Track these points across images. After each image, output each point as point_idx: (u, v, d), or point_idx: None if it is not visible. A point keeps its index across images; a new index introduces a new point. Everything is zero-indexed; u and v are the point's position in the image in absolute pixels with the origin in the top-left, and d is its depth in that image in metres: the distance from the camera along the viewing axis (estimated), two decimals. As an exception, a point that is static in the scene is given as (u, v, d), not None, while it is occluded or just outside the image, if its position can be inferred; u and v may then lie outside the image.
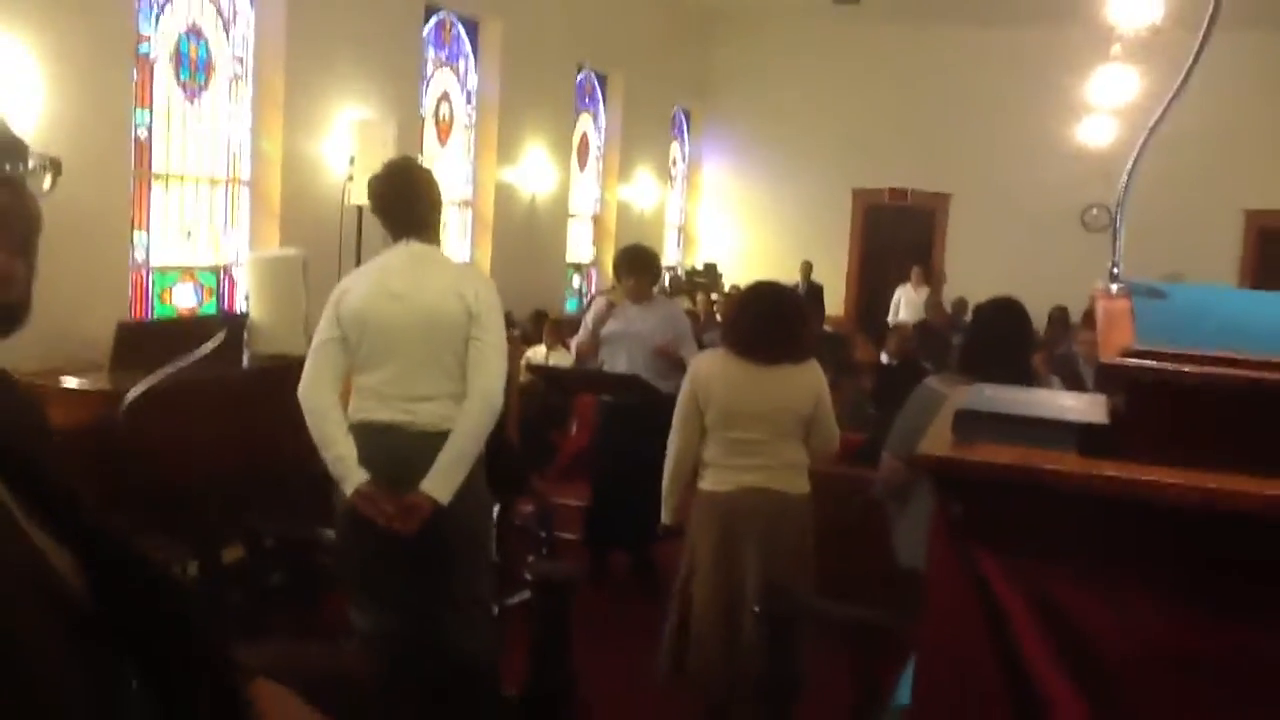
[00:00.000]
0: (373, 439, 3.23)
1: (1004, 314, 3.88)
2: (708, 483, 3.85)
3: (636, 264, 5.62)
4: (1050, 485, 1.50)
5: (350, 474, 3.19)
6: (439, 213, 3.46)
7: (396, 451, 3.21)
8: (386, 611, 3.34)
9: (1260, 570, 1.44)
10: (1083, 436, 1.61)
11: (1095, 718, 1.45)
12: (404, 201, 3.37)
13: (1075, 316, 10.80)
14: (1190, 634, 1.46)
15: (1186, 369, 1.51)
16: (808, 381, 3.83)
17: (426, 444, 3.19)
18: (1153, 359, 1.54)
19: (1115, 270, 1.90)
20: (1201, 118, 11.04)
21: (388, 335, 3.23)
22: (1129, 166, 1.91)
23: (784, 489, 3.77)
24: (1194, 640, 1.46)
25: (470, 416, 3.20)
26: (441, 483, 3.17)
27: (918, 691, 1.59)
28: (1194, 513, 1.45)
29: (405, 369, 3.23)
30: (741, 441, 3.77)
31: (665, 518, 4.06)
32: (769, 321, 3.84)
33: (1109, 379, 1.72)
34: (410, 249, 3.32)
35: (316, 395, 3.26)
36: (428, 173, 3.51)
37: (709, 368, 3.89)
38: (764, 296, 3.99)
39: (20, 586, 0.95)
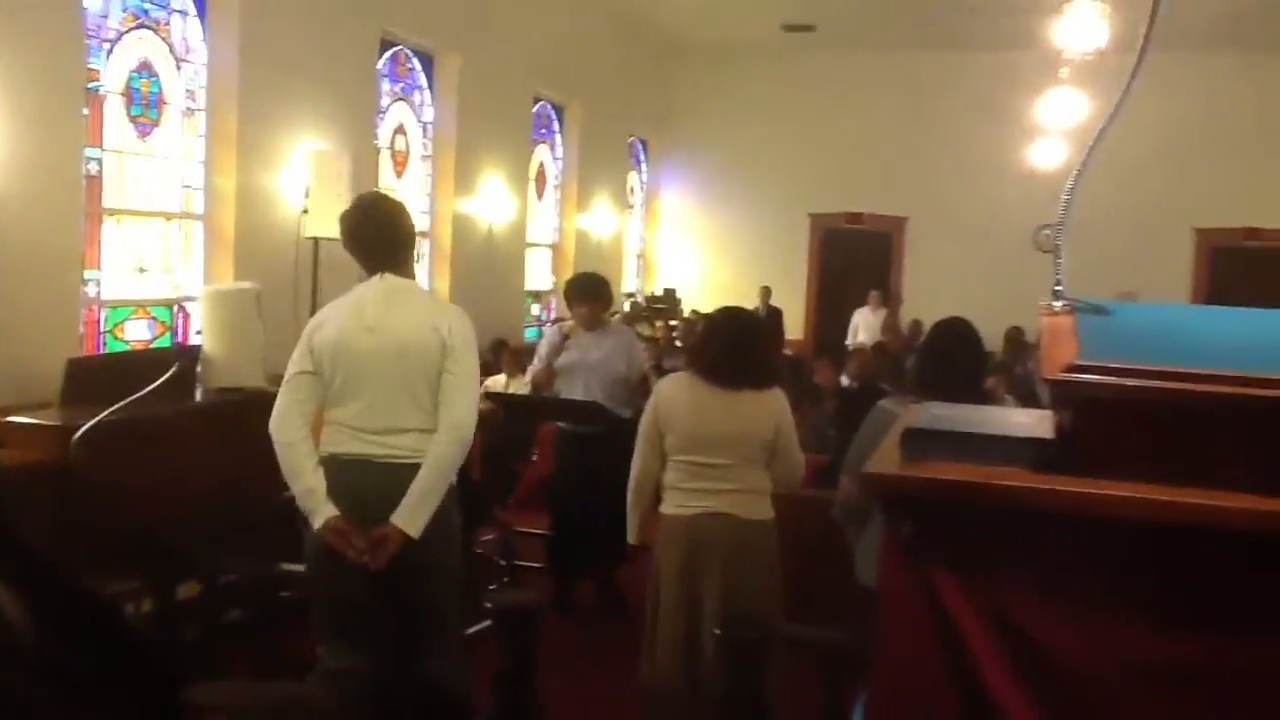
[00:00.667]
0: (343, 472, 3.21)
1: (955, 335, 3.92)
2: (670, 506, 3.86)
3: (586, 292, 5.64)
4: (999, 501, 1.51)
5: (320, 507, 3.16)
6: (412, 245, 3.46)
7: (367, 484, 3.19)
8: (358, 646, 3.30)
9: (1209, 578, 1.46)
10: (1030, 452, 1.63)
11: (1048, 730, 1.45)
12: (376, 235, 3.35)
13: (1031, 336, 10.93)
14: (1144, 644, 1.47)
15: (1128, 383, 1.53)
16: (769, 407, 3.85)
17: (398, 476, 3.17)
18: (1095, 374, 1.56)
19: (1059, 288, 1.93)
20: (1153, 138, 11.26)
21: (361, 367, 3.22)
22: (1069, 186, 1.95)
23: (746, 515, 3.78)
24: (1148, 650, 1.47)
25: (440, 448, 3.20)
26: (411, 516, 3.15)
27: (873, 709, 1.60)
28: (1141, 524, 1.46)
29: (378, 401, 3.22)
30: (704, 466, 3.78)
31: (630, 537, 4.09)
32: (735, 347, 3.86)
33: (1055, 395, 1.74)
34: (385, 282, 3.32)
35: (287, 428, 3.24)
36: (399, 205, 3.49)
37: (671, 391, 3.90)
38: (730, 322, 4.02)
39: None
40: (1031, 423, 1.83)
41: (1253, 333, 1.93)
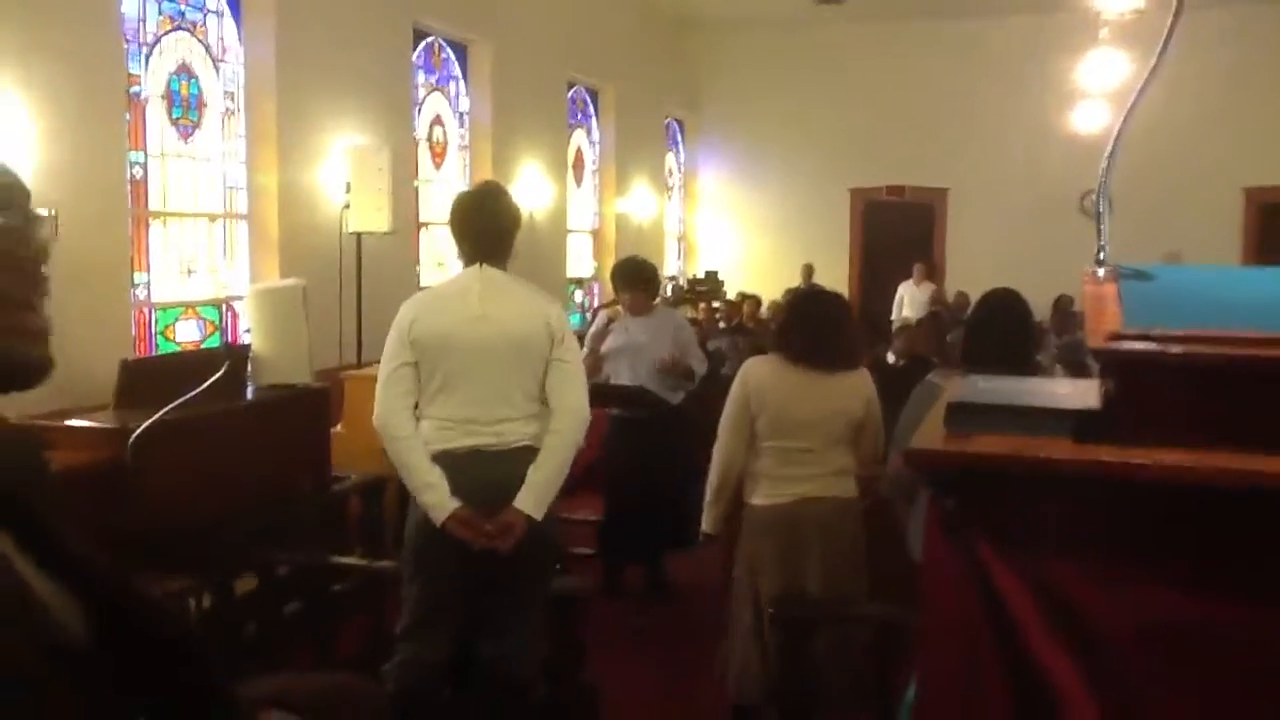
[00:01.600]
0: (460, 466, 3.23)
1: (1002, 306, 3.88)
2: (761, 496, 3.82)
3: (633, 277, 5.64)
4: (1045, 472, 1.51)
5: (442, 501, 3.19)
6: (512, 236, 3.47)
7: (482, 475, 3.22)
8: (444, 638, 3.34)
9: (1256, 545, 1.44)
10: (1076, 422, 1.61)
11: (1099, 699, 1.45)
12: (483, 227, 3.39)
13: (1080, 304, 10.79)
14: (1190, 612, 1.46)
15: (1173, 349, 1.52)
16: (859, 388, 3.85)
17: (511, 461, 3.23)
18: (1140, 341, 1.55)
19: (1101, 255, 1.91)
20: (1198, 97, 11.06)
21: (472, 358, 3.25)
22: (1108, 150, 1.92)
23: (839, 495, 3.79)
24: (1194, 618, 1.46)
25: (562, 434, 3.26)
26: (535, 499, 3.21)
27: (922, 684, 1.59)
28: (1188, 492, 1.45)
29: (487, 391, 3.25)
30: (795, 450, 3.77)
31: (707, 526, 3.98)
32: (825, 329, 3.84)
33: (1100, 364, 1.72)
34: (485, 273, 3.34)
35: (397, 422, 3.26)
36: (509, 200, 3.52)
37: (760, 374, 3.86)
38: (819, 304, 4.00)
39: (10, 632, 0.95)
40: (1076, 393, 1.82)
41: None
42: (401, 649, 3.35)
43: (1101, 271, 1.87)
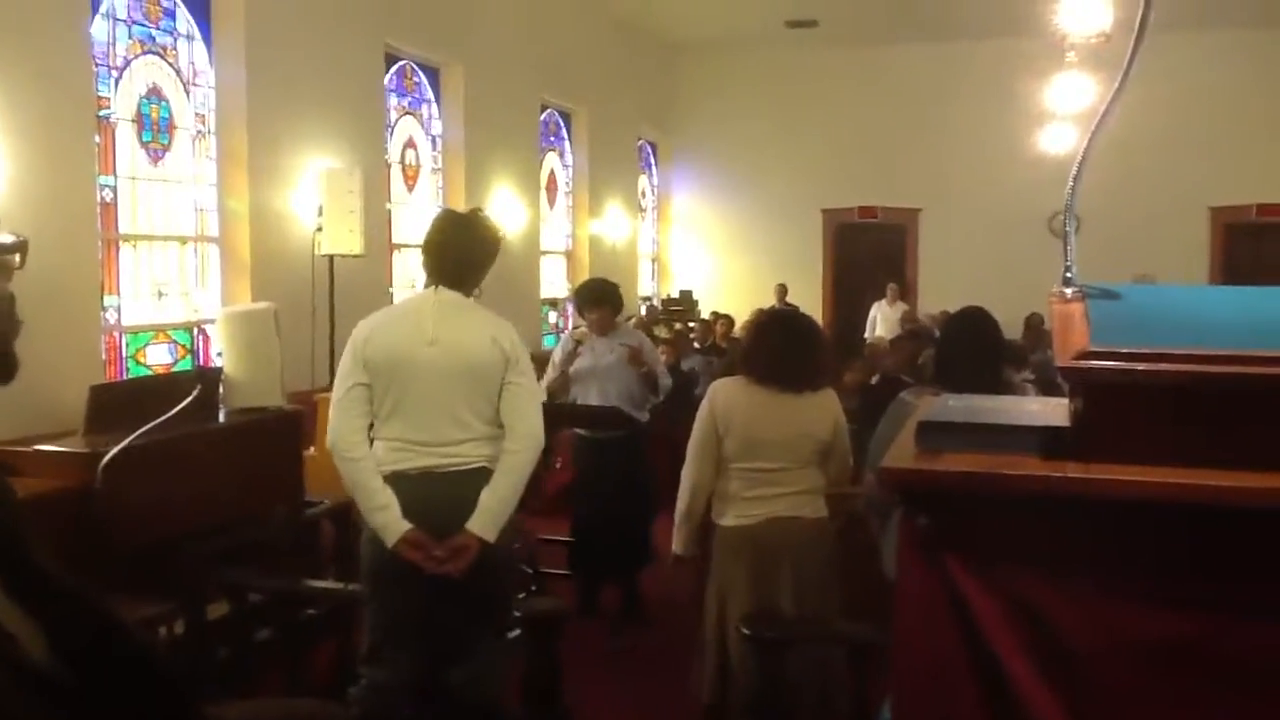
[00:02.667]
0: (412, 488, 3.22)
1: (972, 324, 3.91)
2: (731, 518, 3.81)
3: (595, 298, 5.66)
4: (1013, 490, 1.52)
5: (394, 523, 3.18)
6: (485, 268, 3.46)
7: (434, 497, 3.21)
8: (408, 658, 3.31)
9: (1224, 561, 1.46)
10: (1044, 440, 1.63)
11: (1071, 715, 1.46)
12: (448, 254, 3.39)
13: (1050, 322, 10.87)
14: (1162, 628, 1.47)
15: (1140, 367, 1.53)
16: (826, 409, 3.85)
17: (464, 483, 3.21)
18: (1106, 359, 1.56)
19: (1069, 274, 1.93)
20: (1164, 119, 11.21)
21: (422, 380, 3.23)
22: (1074, 171, 1.95)
23: (808, 515, 3.79)
24: (1166, 635, 1.47)
25: (515, 457, 3.24)
26: (488, 521, 3.19)
27: (896, 702, 1.60)
28: (1156, 509, 1.47)
29: (439, 414, 3.24)
30: (763, 471, 3.77)
31: (677, 547, 3.97)
32: (791, 349, 3.84)
33: (1068, 382, 1.74)
34: (439, 295, 3.34)
35: (350, 444, 3.24)
36: (483, 231, 3.50)
37: (727, 396, 3.85)
38: (784, 324, 4.00)
39: None
40: (1046, 411, 1.84)
41: (1265, 310, 1.92)
42: (365, 673, 3.34)
43: (1069, 291, 1.89)
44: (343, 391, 3.29)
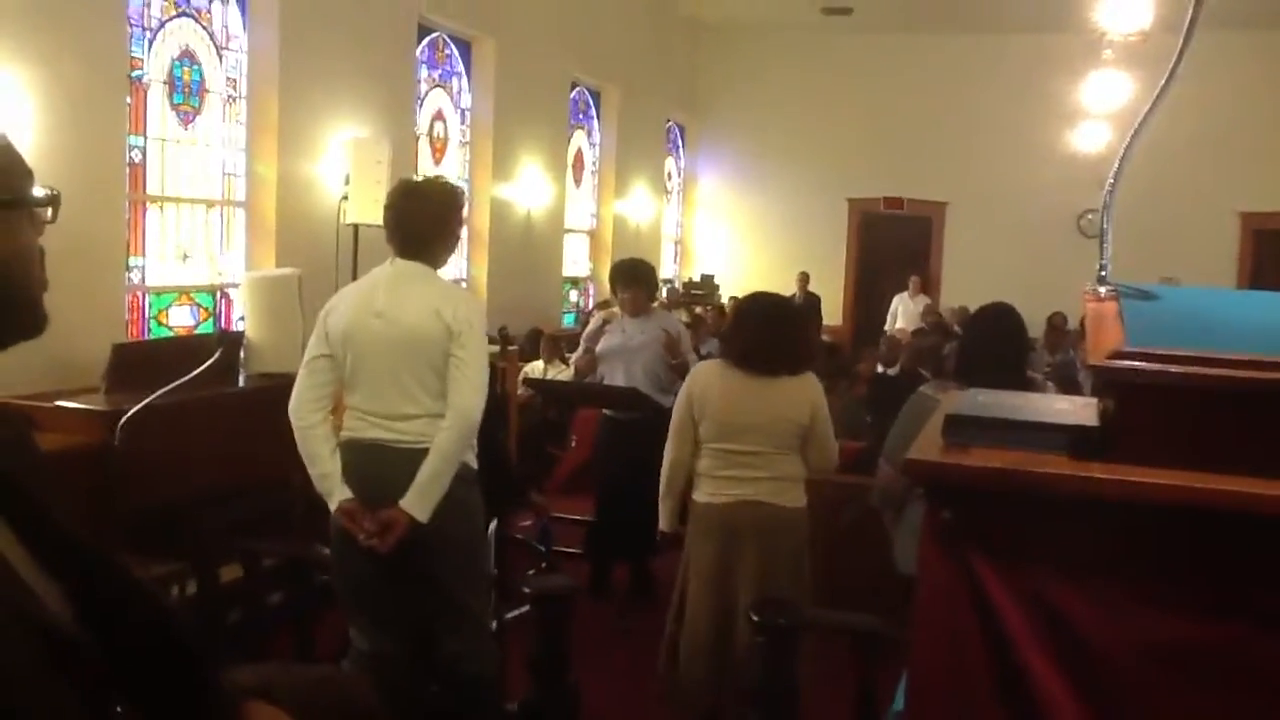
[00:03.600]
0: (361, 456, 3.26)
1: (997, 320, 3.89)
2: (703, 494, 3.85)
3: (631, 277, 5.63)
4: (1041, 489, 1.50)
5: (334, 490, 3.23)
6: (441, 234, 3.40)
7: (381, 469, 3.22)
8: (383, 630, 3.35)
9: (1251, 568, 1.44)
10: (1073, 439, 1.61)
11: (1090, 716, 1.44)
12: (397, 222, 3.37)
13: (1073, 322, 10.82)
14: (1184, 633, 1.46)
15: (1173, 369, 1.51)
16: (804, 393, 3.81)
17: (409, 462, 3.19)
18: (1140, 360, 1.54)
19: (1104, 273, 1.91)
20: (1194, 122, 11.09)
21: (370, 353, 3.25)
22: (1114, 170, 1.92)
23: (779, 502, 3.77)
24: (1188, 639, 1.46)
25: (445, 434, 3.20)
26: (418, 500, 3.17)
27: (912, 696, 1.59)
28: (1183, 512, 1.45)
29: (387, 387, 3.25)
30: (738, 453, 3.77)
31: (663, 524, 4.05)
32: (767, 333, 3.83)
33: (1099, 381, 1.72)
34: (395, 267, 3.34)
35: (303, 411, 3.30)
36: (436, 194, 3.43)
37: (705, 378, 3.88)
38: (762, 307, 3.98)
39: (2, 618, 0.95)
40: (1075, 410, 1.82)
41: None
42: (353, 639, 3.41)
43: (1103, 289, 1.87)
44: (305, 362, 3.36)
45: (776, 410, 3.76)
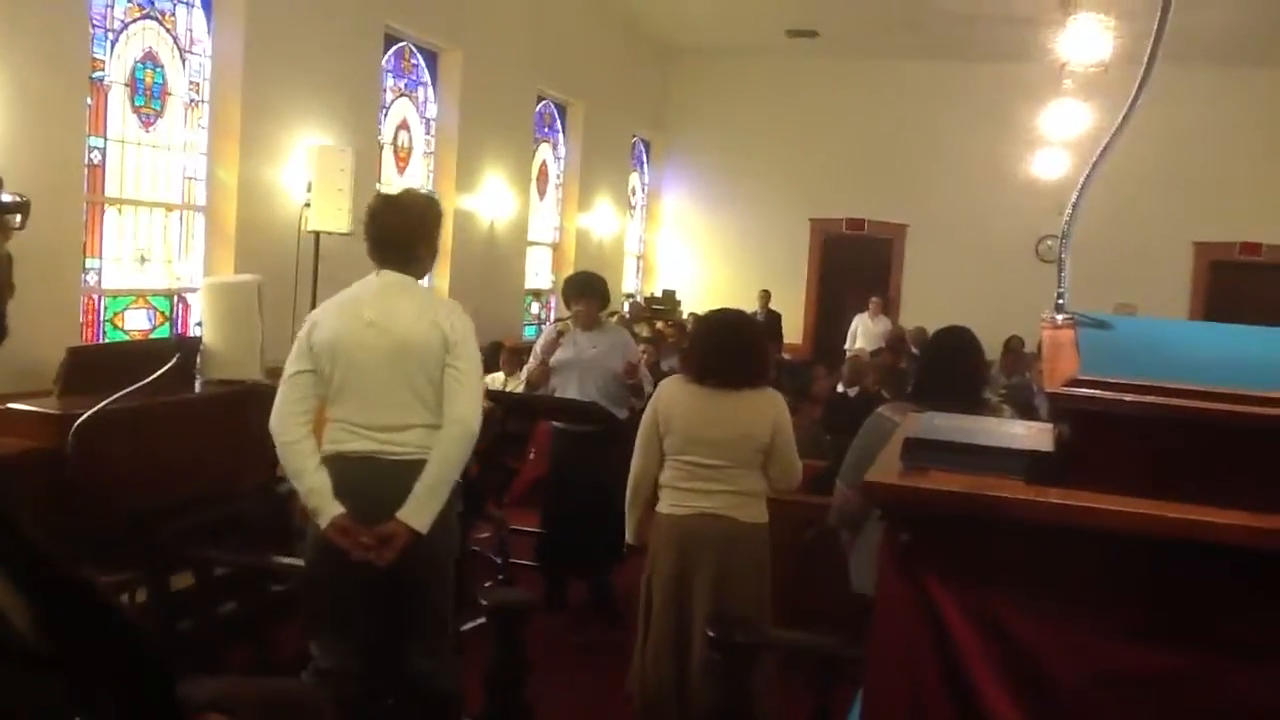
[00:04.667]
0: (349, 470, 3.20)
1: (954, 343, 3.92)
2: (665, 506, 3.87)
3: (584, 290, 5.64)
4: (996, 513, 1.52)
5: (325, 506, 3.15)
6: (420, 245, 3.40)
7: (372, 482, 3.18)
8: (351, 645, 3.30)
9: (1205, 594, 1.46)
10: (1029, 465, 1.63)
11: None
12: (379, 234, 3.35)
13: (1031, 346, 10.94)
14: (1137, 660, 1.47)
15: (1128, 398, 1.54)
16: (766, 410, 3.83)
17: (403, 473, 3.17)
18: (1096, 388, 1.57)
19: (1061, 301, 1.94)
20: (1151, 152, 11.27)
21: (361, 364, 3.21)
22: (1073, 198, 1.95)
23: (739, 517, 3.78)
24: (1141, 666, 1.47)
25: (446, 444, 3.19)
26: (418, 511, 3.15)
27: (866, 716, 1.60)
28: (1138, 539, 1.47)
29: (380, 398, 3.21)
30: (700, 467, 3.78)
31: (629, 536, 4.07)
32: (727, 348, 3.85)
33: (1055, 408, 1.75)
34: (382, 278, 3.32)
35: (288, 427, 3.23)
36: (415, 205, 3.44)
37: (670, 393, 3.90)
38: (721, 323, 4.00)
39: None
40: (1032, 435, 1.84)
41: (1253, 349, 1.94)
42: (314, 654, 3.34)
43: (1060, 317, 1.90)
44: (286, 377, 3.30)
45: (739, 425, 3.78)
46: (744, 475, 3.80)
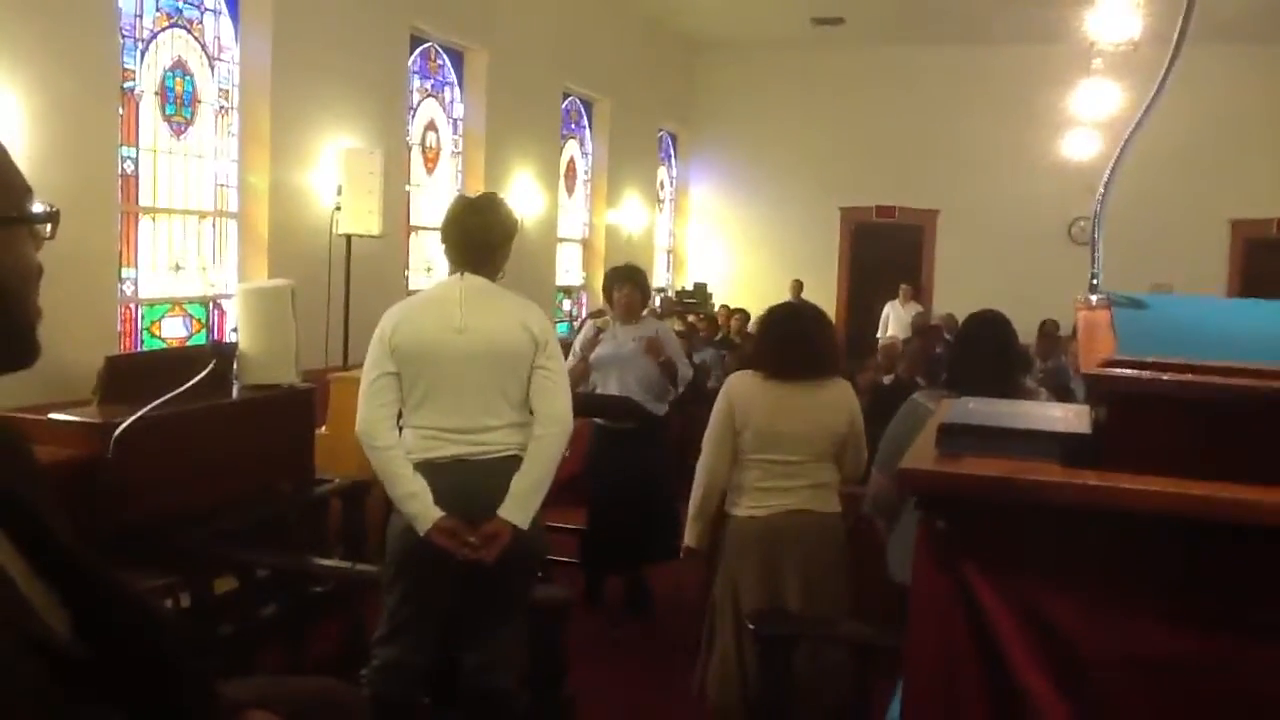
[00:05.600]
0: (442, 476, 3.20)
1: (988, 327, 3.89)
2: (743, 508, 3.81)
3: (628, 276, 5.66)
4: (1032, 497, 1.50)
5: (426, 511, 3.16)
6: (504, 249, 3.45)
7: (466, 485, 3.19)
8: (422, 645, 3.30)
9: (1243, 577, 1.44)
10: (1065, 447, 1.61)
11: (1083, 727, 1.45)
12: (460, 238, 3.37)
13: (1065, 329, 10.84)
14: (1175, 643, 1.46)
15: (1165, 377, 1.52)
16: (841, 400, 3.85)
17: (496, 471, 3.20)
18: (1132, 369, 1.55)
19: (1095, 281, 1.91)
20: (1185, 131, 11.14)
21: (453, 368, 3.22)
22: (1105, 178, 1.93)
23: (822, 509, 3.78)
24: (1179, 649, 1.45)
25: (545, 442, 3.23)
26: (520, 508, 3.18)
27: (906, 706, 1.59)
28: (1176, 521, 1.45)
29: (472, 402, 3.22)
30: (780, 464, 3.76)
31: (690, 540, 3.96)
32: (798, 341, 3.84)
33: (1091, 390, 1.73)
34: (466, 282, 3.33)
35: (380, 432, 3.23)
36: (494, 211, 3.47)
37: (745, 389, 3.85)
38: (786, 317, 4.00)
39: (3, 635, 0.95)
40: (1068, 418, 1.82)
41: (1291, 326, 1.91)
42: (379, 654, 3.33)
43: (1095, 298, 1.87)
44: (369, 381, 3.27)
45: (818, 418, 3.77)
46: (819, 467, 3.80)
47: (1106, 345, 1.65)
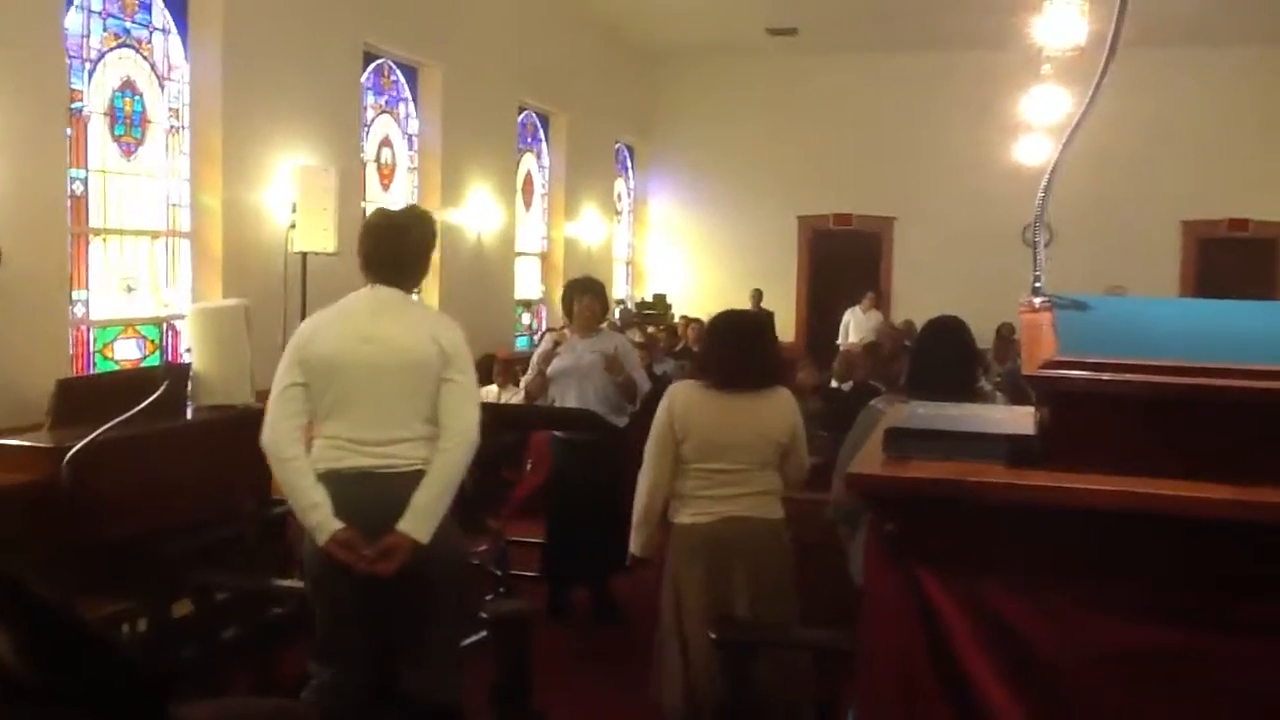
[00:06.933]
0: (345, 487, 3.19)
1: (945, 333, 3.92)
2: (686, 516, 3.82)
3: (587, 287, 5.67)
4: (977, 497, 1.52)
5: (325, 522, 3.14)
6: (420, 261, 3.43)
7: (372, 497, 3.17)
8: (353, 661, 3.28)
9: (1185, 571, 1.47)
10: (1011, 448, 1.63)
11: (1033, 724, 1.46)
12: (373, 250, 3.36)
13: (1020, 332, 10.95)
14: (1128, 639, 1.48)
15: (1104, 377, 1.54)
16: (782, 408, 3.85)
17: (399, 485, 3.17)
18: (1073, 369, 1.57)
19: (1038, 284, 1.94)
20: (1139, 134, 11.32)
21: (360, 379, 3.21)
22: (1044, 182, 1.96)
23: (765, 516, 3.78)
24: (1132, 645, 1.48)
25: (448, 456, 3.20)
26: (420, 522, 3.14)
27: (862, 711, 1.60)
28: (1122, 518, 1.48)
29: (377, 413, 3.20)
30: (722, 472, 3.76)
31: (635, 549, 3.97)
32: (742, 350, 3.85)
33: (1035, 391, 1.75)
34: (375, 293, 3.32)
35: (283, 443, 3.21)
36: (409, 222, 3.45)
37: (686, 398, 3.86)
38: (739, 326, 4.01)
39: None
40: (1013, 419, 1.84)
41: (1234, 324, 1.94)
42: (315, 673, 3.32)
43: (1037, 300, 1.90)
44: (277, 392, 3.27)
45: (758, 427, 3.78)
46: (762, 474, 3.80)
47: (1048, 346, 1.67)
